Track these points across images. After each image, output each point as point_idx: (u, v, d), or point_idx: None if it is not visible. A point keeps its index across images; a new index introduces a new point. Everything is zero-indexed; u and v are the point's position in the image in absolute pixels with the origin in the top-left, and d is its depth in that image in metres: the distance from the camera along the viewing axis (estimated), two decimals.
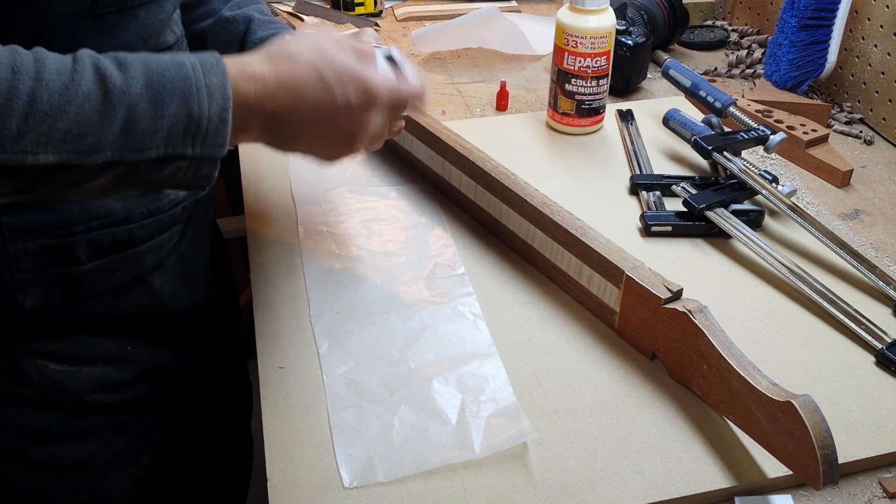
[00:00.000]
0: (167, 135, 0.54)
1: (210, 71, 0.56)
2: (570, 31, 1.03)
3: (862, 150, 1.11)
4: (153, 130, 0.53)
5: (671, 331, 0.71)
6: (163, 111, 0.53)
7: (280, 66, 0.59)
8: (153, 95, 0.53)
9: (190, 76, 0.55)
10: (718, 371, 0.67)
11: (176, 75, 0.54)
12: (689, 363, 0.70)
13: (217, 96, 0.55)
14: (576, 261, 0.80)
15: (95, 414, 0.79)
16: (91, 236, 0.72)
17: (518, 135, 1.10)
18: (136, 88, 0.53)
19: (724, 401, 0.67)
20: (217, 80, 0.56)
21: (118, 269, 0.75)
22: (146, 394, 0.82)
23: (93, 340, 0.77)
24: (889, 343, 0.76)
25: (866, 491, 0.66)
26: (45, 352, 0.74)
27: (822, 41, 1.14)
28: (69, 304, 0.74)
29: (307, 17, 1.49)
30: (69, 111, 0.51)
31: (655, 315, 0.72)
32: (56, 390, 0.76)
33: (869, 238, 0.94)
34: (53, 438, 0.79)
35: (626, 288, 0.75)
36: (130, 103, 0.53)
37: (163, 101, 0.53)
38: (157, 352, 0.82)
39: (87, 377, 0.77)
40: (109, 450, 0.82)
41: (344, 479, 0.64)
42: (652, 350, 0.74)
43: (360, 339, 0.77)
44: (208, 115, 0.55)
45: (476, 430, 0.68)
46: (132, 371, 0.80)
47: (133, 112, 0.53)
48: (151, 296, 0.79)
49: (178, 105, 0.54)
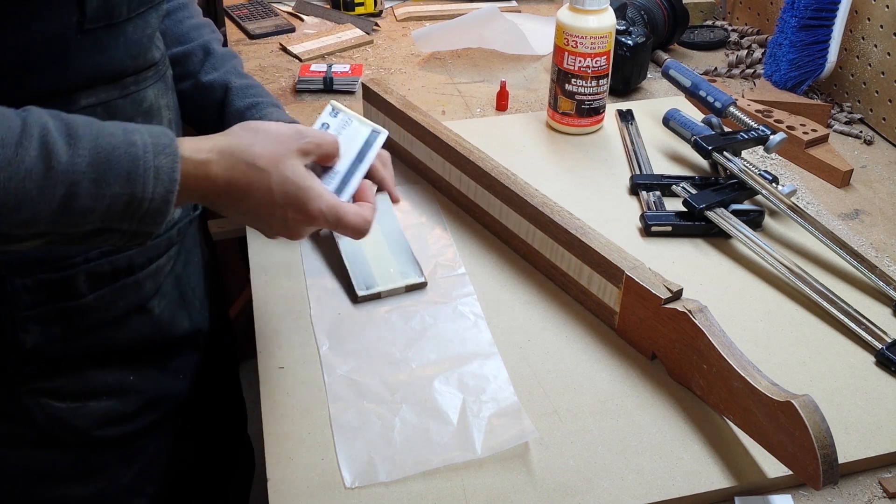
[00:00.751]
0: (105, 212, 0.55)
1: (161, 153, 0.56)
2: (570, 31, 1.03)
3: (862, 150, 1.11)
4: (92, 208, 0.54)
5: (671, 331, 0.71)
6: (105, 191, 0.54)
7: (234, 172, 0.61)
8: (98, 174, 0.53)
9: (139, 156, 0.55)
10: (718, 371, 0.67)
11: (124, 154, 0.55)
12: (689, 363, 0.70)
13: (164, 178, 0.56)
14: (576, 261, 0.80)
15: (102, 449, 0.78)
16: (90, 267, 0.70)
17: (518, 135, 1.10)
18: (81, 167, 0.53)
19: (724, 401, 0.67)
20: (166, 162, 0.56)
21: (119, 298, 0.74)
22: (150, 424, 0.81)
23: (96, 374, 0.75)
24: (889, 343, 0.76)
25: (866, 491, 0.66)
26: (48, 390, 0.72)
27: (822, 41, 1.14)
28: (71, 339, 0.72)
29: (307, 17, 1.49)
30: (7, 186, 0.50)
31: (655, 315, 0.72)
32: (61, 428, 0.74)
33: (869, 238, 0.94)
34: (61, 478, 0.77)
35: (626, 288, 0.75)
36: (72, 181, 0.52)
37: (107, 181, 0.54)
38: (160, 379, 0.81)
39: (93, 412, 0.75)
40: (117, 483, 0.80)
41: (346, 479, 0.64)
42: (652, 350, 0.74)
43: (361, 340, 0.77)
44: (151, 196, 0.56)
45: (477, 429, 0.68)
46: (137, 402, 0.79)
47: (74, 190, 0.53)
48: (152, 322, 0.78)
49: (121, 185, 0.54)
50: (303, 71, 1.23)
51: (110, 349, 0.75)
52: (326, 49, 1.35)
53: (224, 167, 0.61)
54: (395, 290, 0.82)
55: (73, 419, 0.74)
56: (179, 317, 0.82)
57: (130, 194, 0.55)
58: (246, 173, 0.61)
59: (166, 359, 0.81)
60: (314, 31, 1.43)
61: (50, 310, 0.70)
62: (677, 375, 0.73)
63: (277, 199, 0.63)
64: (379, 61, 1.33)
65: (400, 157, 1.03)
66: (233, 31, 1.44)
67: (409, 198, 0.97)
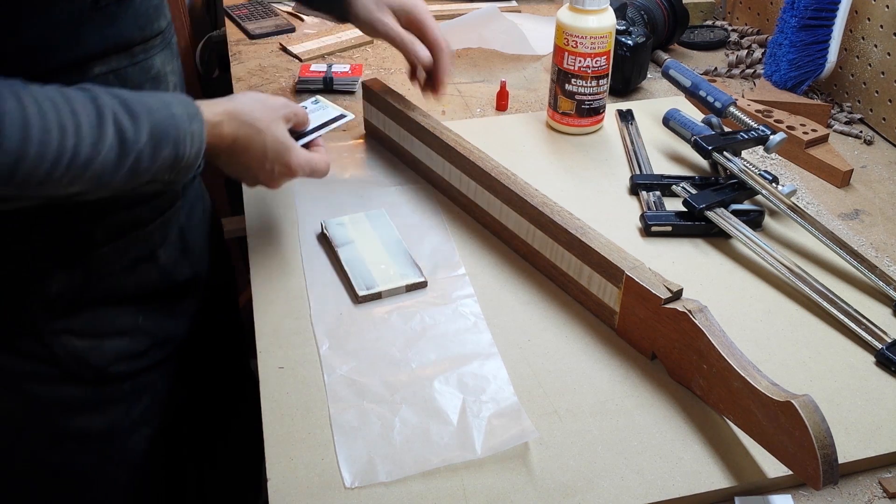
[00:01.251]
0: (157, 170, 0.67)
1: (193, 119, 0.69)
2: (570, 31, 1.03)
3: (862, 150, 1.11)
4: (149, 169, 0.66)
5: (671, 331, 0.71)
6: (159, 154, 0.66)
7: (240, 130, 0.75)
8: (155, 143, 0.66)
9: (180, 125, 0.68)
10: (718, 371, 0.67)
11: (171, 125, 0.67)
12: (689, 363, 0.70)
13: (197, 140, 0.70)
14: (576, 261, 0.80)
15: (115, 384, 0.86)
16: (107, 221, 0.78)
17: (518, 135, 1.10)
18: (143, 138, 0.65)
19: (724, 401, 0.67)
20: (197, 127, 0.70)
21: (131, 248, 0.82)
22: (157, 362, 0.89)
23: (110, 316, 0.83)
24: (889, 343, 0.76)
25: (866, 491, 0.66)
26: (69, 330, 0.80)
27: (822, 41, 1.14)
28: (89, 285, 0.80)
29: (307, 17, 1.49)
30: (97, 161, 0.62)
31: (655, 315, 0.72)
32: (81, 364, 0.82)
33: (869, 238, 0.94)
34: (80, 409, 0.85)
35: (626, 288, 0.75)
36: (138, 151, 0.64)
37: (161, 147, 0.66)
38: (166, 322, 0.89)
39: (108, 350, 0.83)
40: (130, 415, 0.88)
41: (346, 479, 0.64)
42: (652, 350, 0.74)
43: (361, 340, 0.77)
44: (188, 154, 0.69)
45: (477, 430, 0.68)
46: (146, 342, 0.87)
47: (139, 157, 0.65)
48: (158, 269, 0.86)
49: (170, 149, 0.67)
50: (303, 71, 1.23)
51: (122, 294, 0.84)
52: (326, 49, 1.35)
53: (233, 127, 0.75)
54: (395, 289, 0.82)
55: (91, 356, 0.82)
56: (182, 264, 0.90)
57: (175, 155, 0.67)
58: (247, 133, 0.76)
59: (170, 303, 0.90)
60: (314, 31, 1.43)
61: (71, 259, 0.78)
62: (678, 376, 0.73)
63: (269, 154, 0.78)
64: (379, 61, 1.33)
65: (400, 157, 1.03)
66: (233, 31, 1.44)
67: (410, 198, 0.97)
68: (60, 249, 0.77)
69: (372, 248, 0.87)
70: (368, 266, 0.84)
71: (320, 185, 0.98)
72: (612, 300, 0.77)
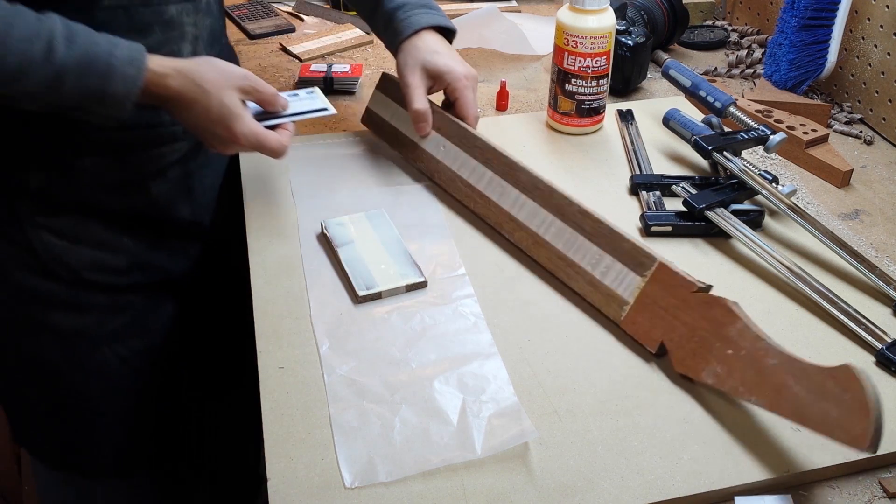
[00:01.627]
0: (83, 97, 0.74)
1: (130, 64, 0.75)
2: (570, 31, 1.03)
3: (862, 150, 1.11)
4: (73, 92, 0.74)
5: (697, 319, 0.72)
6: (84, 82, 0.73)
7: (185, 87, 0.79)
8: (81, 70, 0.73)
9: (115, 65, 0.74)
10: (750, 353, 0.68)
11: (104, 61, 0.74)
12: (706, 351, 0.71)
13: (128, 83, 0.75)
14: (595, 250, 0.80)
15: (91, 291, 0.92)
16: (93, 136, 0.85)
17: (518, 135, 1.10)
18: (71, 61, 0.72)
19: (748, 382, 0.68)
20: (133, 72, 0.75)
21: (116, 169, 0.88)
22: (139, 285, 0.95)
23: (93, 225, 0.90)
24: (889, 343, 0.76)
25: (866, 491, 0.66)
26: (49, 227, 0.88)
27: (822, 41, 1.14)
28: (71, 190, 0.87)
29: (307, 17, 1.49)
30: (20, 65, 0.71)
31: (683, 303, 0.73)
32: (56, 262, 0.89)
33: (869, 238, 0.94)
34: (54, 305, 0.92)
35: (654, 276, 0.76)
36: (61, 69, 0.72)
37: (87, 76, 0.73)
38: (152, 251, 0.95)
39: (84, 256, 0.90)
40: (103, 327, 0.94)
41: (346, 479, 0.64)
42: (661, 340, 0.74)
43: (361, 340, 0.77)
44: (114, 92, 0.75)
45: (477, 430, 0.68)
46: (126, 260, 0.93)
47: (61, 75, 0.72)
48: (149, 200, 0.92)
49: (96, 81, 0.74)
50: (303, 71, 1.23)
51: (108, 210, 0.90)
52: (326, 49, 1.35)
53: (178, 82, 0.79)
54: (395, 289, 0.82)
55: (66, 256, 0.90)
56: (181, 205, 0.96)
57: (101, 88, 0.74)
58: (193, 91, 0.79)
59: (163, 237, 0.96)
60: (314, 31, 1.43)
61: (52, 160, 0.86)
62: (686, 365, 0.72)
63: (213, 116, 0.80)
64: (379, 61, 1.33)
65: (402, 149, 1.02)
66: (233, 31, 1.43)
67: (410, 198, 0.97)
68: (41, 149, 0.85)
69: (372, 248, 0.87)
70: (368, 266, 0.84)
71: (320, 185, 0.98)
72: (629, 291, 0.77)
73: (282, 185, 0.98)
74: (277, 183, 0.99)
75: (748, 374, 0.68)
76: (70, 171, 0.87)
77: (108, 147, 0.87)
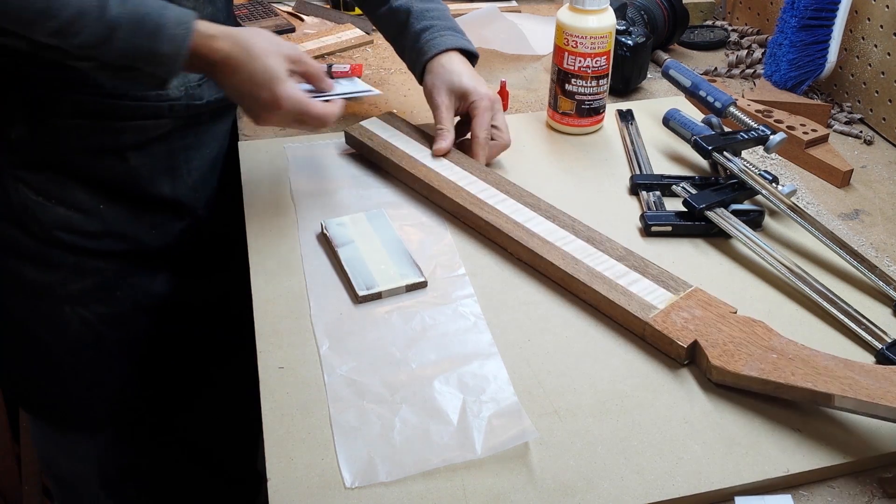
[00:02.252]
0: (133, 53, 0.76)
1: (179, 26, 0.77)
2: (570, 31, 1.03)
3: (862, 150, 1.11)
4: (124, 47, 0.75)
5: (737, 332, 0.74)
6: (134, 40, 0.75)
7: (233, 50, 0.80)
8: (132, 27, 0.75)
9: (166, 25, 0.76)
10: (800, 356, 0.70)
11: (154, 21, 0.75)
12: (746, 354, 0.72)
13: (176, 43, 0.77)
14: (621, 266, 0.82)
15: (59, 249, 0.94)
16: (78, 97, 0.88)
17: (518, 135, 1.10)
18: (123, 19, 0.74)
19: (799, 372, 0.69)
20: (181, 33, 0.77)
21: (96, 134, 0.91)
22: (110, 251, 0.97)
23: (70, 187, 0.92)
24: (889, 343, 0.76)
25: (866, 491, 0.66)
26: (26, 181, 0.91)
27: (822, 41, 1.14)
28: (50, 148, 0.90)
29: (307, 17, 1.49)
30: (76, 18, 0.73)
31: (721, 318, 0.75)
32: (27, 216, 0.92)
33: (869, 238, 0.94)
34: (22, 256, 0.95)
35: (689, 295, 0.78)
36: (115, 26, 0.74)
37: (137, 34, 0.75)
38: (128, 222, 0.97)
39: (56, 215, 0.93)
40: (66, 287, 0.96)
41: (346, 479, 0.64)
42: (695, 338, 0.74)
43: (361, 340, 0.77)
44: (164, 51, 0.76)
45: (477, 430, 0.68)
46: (99, 226, 0.95)
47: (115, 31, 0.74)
48: (127, 170, 0.94)
49: (146, 39, 0.75)
50: None
51: (85, 173, 0.93)
52: (326, 49, 1.35)
53: (226, 45, 0.80)
54: (395, 289, 0.82)
55: (38, 212, 0.92)
56: (161, 181, 0.98)
57: (150, 47, 0.76)
58: (240, 54, 0.80)
59: (142, 209, 0.98)
60: (314, 31, 1.43)
61: (33, 114, 0.89)
62: (724, 360, 0.72)
63: (258, 79, 0.81)
64: (379, 61, 1.33)
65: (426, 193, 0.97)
66: None
67: (410, 198, 0.97)
68: (25, 103, 0.88)
69: (372, 248, 0.87)
70: (368, 266, 0.84)
71: (320, 185, 0.98)
72: (659, 301, 0.78)
73: (282, 185, 0.98)
74: (277, 183, 0.99)
75: (800, 368, 0.69)
76: (52, 129, 0.89)
77: (92, 111, 0.89)
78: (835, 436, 0.68)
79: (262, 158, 1.03)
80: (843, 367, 0.69)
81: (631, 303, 0.78)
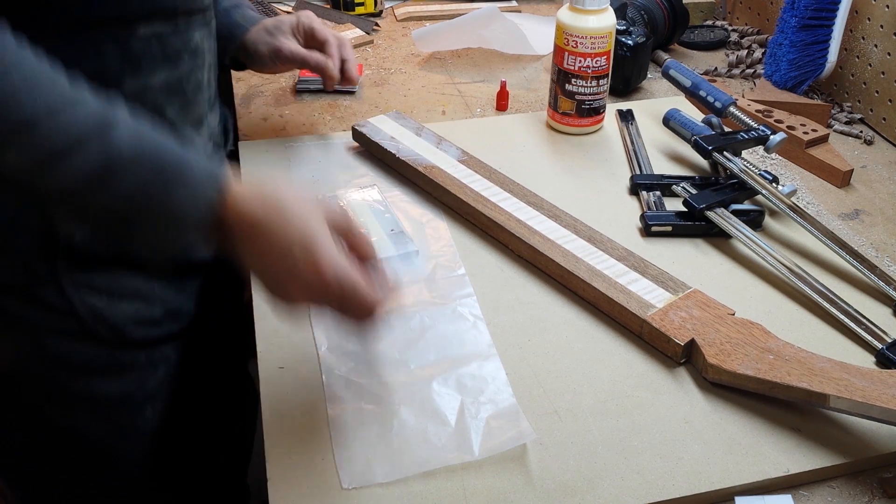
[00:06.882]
0: (137, 198, 0.62)
1: (211, 187, 0.63)
2: (570, 31, 1.03)
3: (862, 150, 1.11)
4: (130, 194, 0.62)
5: (734, 333, 0.74)
6: (147, 189, 0.62)
7: (266, 215, 0.63)
8: (149, 179, 0.62)
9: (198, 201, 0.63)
10: (796, 358, 0.70)
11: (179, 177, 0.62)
12: (743, 354, 0.72)
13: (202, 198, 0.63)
14: (621, 266, 0.82)
15: (133, 348, 0.85)
16: None
17: (518, 135, 1.10)
18: (130, 161, 0.61)
19: (795, 373, 0.69)
20: (209, 182, 0.63)
21: None
22: (171, 333, 0.89)
23: (128, 277, 0.83)
24: (889, 343, 0.76)
25: (866, 491, 0.66)
26: (89, 284, 0.80)
27: (822, 41, 1.14)
28: (111, 241, 0.80)
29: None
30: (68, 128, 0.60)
31: (719, 319, 0.75)
32: (99, 322, 0.81)
33: (869, 238, 0.94)
34: (94, 372, 0.84)
35: (688, 296, 0.78)
36: (119, 163, 0.61)
37: (158, 185, 0.62)
38: (177, 294, 0.89)
39: (126, 311, 0.83)
40: (144, 386, 0.87)
41: (342, 480, 0.64)
42: (692, 337, 0.74)
43: (361, 340, 0.77)
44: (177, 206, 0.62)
45: (475, 431, 0.68)
46: (160, 309, 0.87)
47: (118, 169, 0.61)
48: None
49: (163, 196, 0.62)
50: (303, 71, 1.23)
51: (135, 258, 0.83)
52: None
53: (256, 205, 0.63)
54: (388, 258, 0.85)
55: (109, 314, 0.82)
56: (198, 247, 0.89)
57: (163, 198, 0.62)
58: (275, 218, 0.63)
59: (180, 279, 0.90)
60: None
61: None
62: (720, 358, 0.72)
63: (296, 248, 0.63)
64: (379, 61, 1.33)
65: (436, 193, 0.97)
66: None
67: (410, 197, 0.97)
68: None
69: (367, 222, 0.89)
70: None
71: (320, 186, 0.98)
72: (658, 300, 0.78)
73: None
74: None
75: (796, 370, 0.69)
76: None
77: None
78: (835, 436, 0.68)
79: (262, 158, 1.03)
80: (839, 369, 0.69)
81: (630, 301, 0.78)
